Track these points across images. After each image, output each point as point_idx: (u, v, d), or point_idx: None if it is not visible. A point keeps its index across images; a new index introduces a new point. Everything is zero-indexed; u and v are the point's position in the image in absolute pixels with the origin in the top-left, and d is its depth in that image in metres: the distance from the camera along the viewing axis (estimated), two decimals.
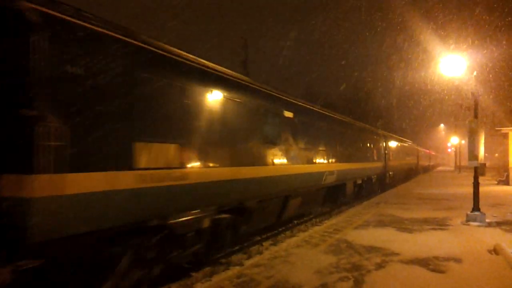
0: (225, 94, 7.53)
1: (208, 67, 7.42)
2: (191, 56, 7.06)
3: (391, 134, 29.17)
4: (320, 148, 12.97)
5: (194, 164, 6.55)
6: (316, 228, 11.20)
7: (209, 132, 6.98)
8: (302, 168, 11.33)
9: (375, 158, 22.12)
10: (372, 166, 21.23)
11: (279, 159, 9.83)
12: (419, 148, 47.89)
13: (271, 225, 10.81)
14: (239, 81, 8.52)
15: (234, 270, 7.08)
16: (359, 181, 18.76)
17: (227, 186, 7.51)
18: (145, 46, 5.77)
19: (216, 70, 7.71)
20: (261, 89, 9.51)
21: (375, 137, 22.71)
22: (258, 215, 9.11)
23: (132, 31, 5.71)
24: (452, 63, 11.52)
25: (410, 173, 38.23)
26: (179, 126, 6.27)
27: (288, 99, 11.11)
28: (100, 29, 4.94)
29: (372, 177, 21.44)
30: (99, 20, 5.04)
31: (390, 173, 26.42)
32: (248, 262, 7.65)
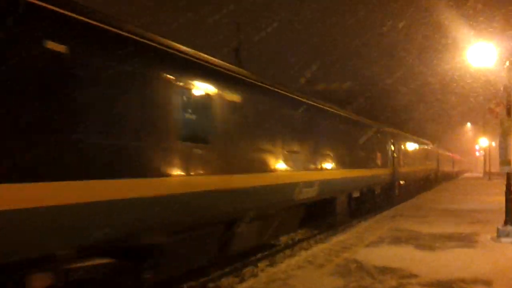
0: None
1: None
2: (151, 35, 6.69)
3: (401, 132, 26.83)
4: (289, 149, 10.72)
5: None
6: (321, 245, 11.24)
7: None
8: (258, 179, 9.25)
9: (379, 163, 20.34)
10: (375, 173, 19.39)
11: (213, 165, 7.89)
12: (440, 151, 46.75)
13: (208, 265, 8.81)
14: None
15: None
16: (356, 194, 16.98)
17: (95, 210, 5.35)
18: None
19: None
20: None
21: (378, 135, 20.39)
22: (174, 255, 7.15)
23: None
24: (481, 52, 11.63)
25: (428, 182, 36.81)
26: None
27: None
28: None
29: (375, 188, 19.70)
30: None
31: (401, 182, 24.76)
32: (241, 287, 7.67)
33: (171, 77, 6.86)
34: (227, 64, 8.96)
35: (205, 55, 8.13)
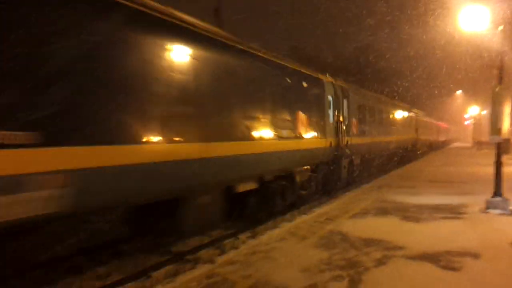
0: None
1: None
2: None
3: (354, 87, 19.55)
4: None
5: None
6: (304, 217, 11.32)
7: None
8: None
9: (309, 131, 13.14)
10: (299, 147, 12.50)
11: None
12: (421, 118, 40.38)
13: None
14: None
15: (203, 269, 7.12)
16: (268, 177, 10.98)
17: None
18: None
19: None
20: None
21: (309, 86, 13.58)
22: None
23: None
24: (473, 16, 11.56)
25: (404, 157, 30.46)
26: None
27: None
28: None
29: (302, 170, 12.97)
30: None
31: (353, 158, 17.68)
32: (220, 259, 7.70)
33: None
34: None
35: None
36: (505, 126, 11.63)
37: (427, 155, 40.64)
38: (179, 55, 7.60)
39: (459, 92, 66.40)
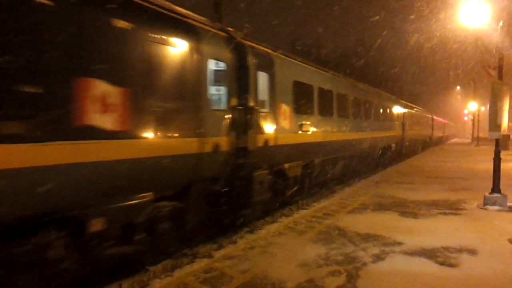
0: None
1: None
2: None
3: (285, 55, 12.38)
4: None
5: None
6: (302, 212, 11.32)
7: None
8: None
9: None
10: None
11: None
12: (412, 111, 34.81)
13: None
14: None
15: (201, 263, 7.12)
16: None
17: None
18: None
19: None
20: None
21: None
22: None
23: None
24: (474, 11, 11.53)
25: (385, 160, 25.31)
26: None
27: None
28: None
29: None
30: None
31: (284, 168, 11.34)
32: (218, 254, 7.70)
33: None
34: None
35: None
36: (504, 122, 11.64)
37: (424, 152, 40.31)
38: None
39: (458, 88, 66.52)
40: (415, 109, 37.36)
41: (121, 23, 6.14)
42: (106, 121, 5.69)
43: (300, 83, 12.37)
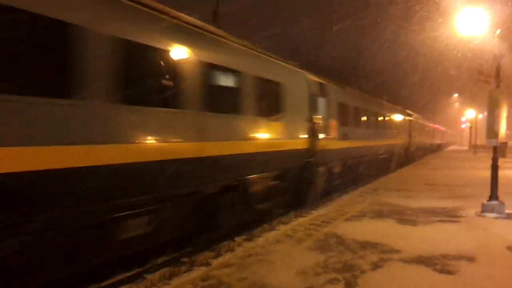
0: None
1: None
2: None
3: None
4: None
5: None
6: (301, 219, 11.31)
7: None
8: None
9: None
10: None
11: None
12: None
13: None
14: None
15: (198, 271, 7.11)
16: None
17: None
18: None
19: None
20: None
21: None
22: None
23: None
24: (471, 19, 11.59)
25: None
26: None
27: None
28: None
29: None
30: None
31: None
32: (216, 262, 7.68)
33: None
34: None
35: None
36: (502, 130, 11.66)
37: (423, 159, 40.48)
38: None
39: (455, 95, 66.63)
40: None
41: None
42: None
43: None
